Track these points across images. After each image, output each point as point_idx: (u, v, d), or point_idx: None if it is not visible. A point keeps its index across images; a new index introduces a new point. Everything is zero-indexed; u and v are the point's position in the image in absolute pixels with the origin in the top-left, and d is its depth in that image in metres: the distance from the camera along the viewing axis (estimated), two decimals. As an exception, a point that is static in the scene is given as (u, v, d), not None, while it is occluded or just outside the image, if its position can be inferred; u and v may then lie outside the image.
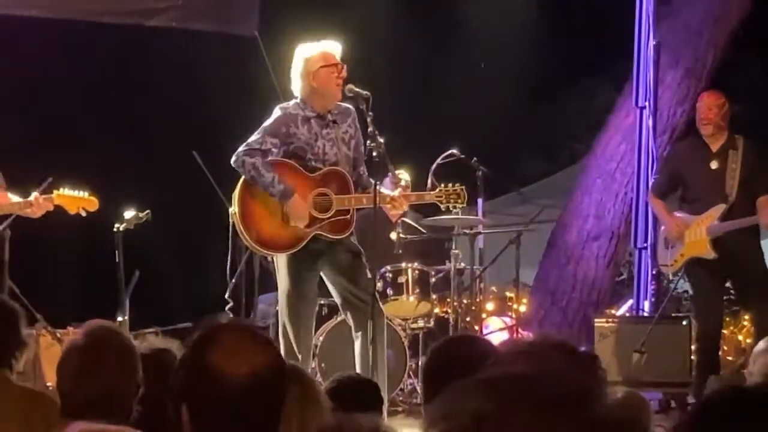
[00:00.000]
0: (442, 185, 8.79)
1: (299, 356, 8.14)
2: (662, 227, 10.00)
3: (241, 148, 8.19)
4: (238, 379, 3.28)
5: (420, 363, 9.80)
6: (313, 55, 8.32)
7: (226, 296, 9.81)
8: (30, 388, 5.46)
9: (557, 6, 13.35)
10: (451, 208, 8.96)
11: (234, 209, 8.41)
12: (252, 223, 8.32)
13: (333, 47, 8.37)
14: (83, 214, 8.69)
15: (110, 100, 11.93)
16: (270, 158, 8.17)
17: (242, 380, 3.27)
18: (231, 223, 8.61)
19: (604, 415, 1.66)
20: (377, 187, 8.13)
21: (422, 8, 13.39)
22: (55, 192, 8.58)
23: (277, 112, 8.33)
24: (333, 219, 8.29)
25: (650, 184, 10.07)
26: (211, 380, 3.32)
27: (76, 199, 8.66)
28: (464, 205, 8.97)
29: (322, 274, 8.42)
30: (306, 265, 8.30)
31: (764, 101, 14.49)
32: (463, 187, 8.80)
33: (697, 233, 9.52)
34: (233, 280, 9.90)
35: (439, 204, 8.85)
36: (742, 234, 9.50)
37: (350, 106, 8.46)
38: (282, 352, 8.09)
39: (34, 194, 8.53)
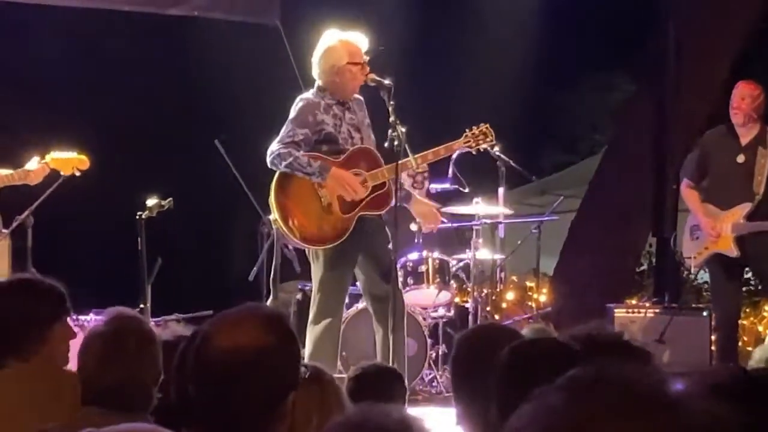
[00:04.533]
0: (467, 130, 8.76)
1: (330, 338, 8.23)
2: (689, 221, 9.94)
3: (273, 145, 8.19)
4: (220, 352, 3.28)
5: (439, 352, 9.81)
6: (341, 49, 8.30)
7: (250, 278, 9.86)
8: (66, 372, 5.45)
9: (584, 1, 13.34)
10: (482, 149, 8.91)
11: (274, 216, 8.44)
12: (295, 224, 8.34)
13: (360, 42, 8.33)
14: (77, 174, 8.67)
15: (133, 89, 11.94)
16: (301, 150, 8.17)
17: (228, 353, 3.27)
18: (266, 223, 8.71)
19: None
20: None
21: (444, 5, 13.39)
22: (48, 156, 8.57)
23: (299, 103, 8.31)
24: (372, 195, 8.32)
25: (681, 172, 9.96)
26: (204, 353, 3.32)
27: (68, 160, 8.65)
28: (493, 142, 8.92)
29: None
30: (344, 256, 8.33)
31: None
32: (488, 125, 8.80)
33: (721, 229, 9.47)
34: (255, 268, 9.93)
35: (470, 149, 8.82)
36: (764, 242, 9.44)
37: (361, 97, 8.46)
38: (309, 338, 8.18)
39: (35, 158, 8.54)
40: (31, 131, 8.96)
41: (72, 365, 4.82)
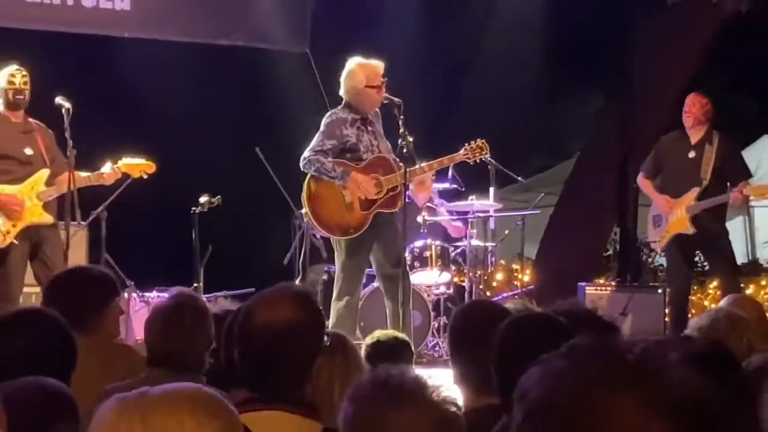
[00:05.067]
0: (466, 144, 8.77)
1: (350, 313, 8.25)
2: (651, 212, 9.95)
3: (306, 153, 8.20)
4: (266, 324, 3.30)
5: (441, 323, 9.81)
6: (361, 73, 8.29)
7: (284, 262, 9.86)
8: (117, 343, 5.48)
9: (560, 28, 13.27)
10: (478, 161, 8.94)
11: (305, 210, 8.48)
12: (322, 217, 8.35)
13: (379, 68, 8.32)
14: (144, 176, 8.68)
15: (189, 106, 11.94)
16: (329, 158, 8.17)
17: (269, 326, 3.30)
18: (298, 216, 8.71)
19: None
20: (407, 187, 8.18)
21: (445, 29, 13.34)
22: (120, 161, 8.57)
23: (328, 118, 8.30)
24: (387, 196, 8.30)
25: (642, 168, 10.00)
26: (248, 324, 3.35)
27: (137, 165, 8.65)
28: (488, 154, 8.94)
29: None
30: (362, 245, 8.33)
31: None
32: (483, 140, 8.80)
33: (677, 213, 9.48)
34: (289, 254, 9.94)
35: (468, 160, 8.86)
36: (713, 220, 9.48)
37: (378, 112, 8.44)
38: (333, 312, 8.18)
39: (108, 163, 8.53)
40: (106, 141, 8.97)
41: (139, 334, 4.90)
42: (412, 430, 2.49)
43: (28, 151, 8.40)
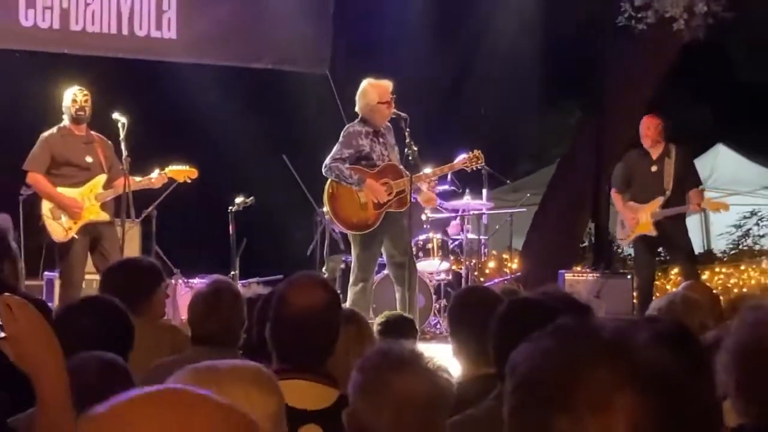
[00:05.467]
0: (464, 154, 8.78)
1: (364, 296, 8.23)
2: (619, 216, 9.99)
3: (327, 160, 8.21)
4: (298, 307, 3.31)
5: (441, 304, 9.81)
6: (374, 92, 8.27)
7: (308, 253, 9.87)
8: (163, 323, 5.49)
9: (544, 53, 13.29)
10: (475, 168, 8.93)
11: (326, 209, 8.53)
12: (340, 215, 8.35)
13: (388, 86, 8.30)
14: (188, 181, 8.69)
15: (227, 121, 11.97)
16: (346, 165, 8.17)
17: (302, 308, 3.31)
18: (320, 214, 8.70)
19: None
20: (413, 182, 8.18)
21: (446, 54, 13.33)
22: (167, 168, 8.59)
23: (346, 131, 8.30)
24: (396, 198, 8.29)
25: (612, 181, 10.06)
26: (282, 306, 3.35)
27: (182, 171, 8.65)
28: (483, 163, 8.90)
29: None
30: (374, 238, 8.32)
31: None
32: (479, 150, 8.79)
33: (643, 218, 9.53)
34: (311, 246, 9.95)
35: (467, 168, 8.84)
36: (673, 223, 9.54)
37: (390, 125, 8.42)
38: (350, 296, 8.19)
39: (157, 170, 8.57)
40: (155, 151, 8.99)
41: (184, 315, 4.91)
42: (410, 392, 2.52)
43: (89, 159, 8.43)
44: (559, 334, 1.55)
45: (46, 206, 8.35)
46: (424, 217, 10.11)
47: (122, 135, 8.31)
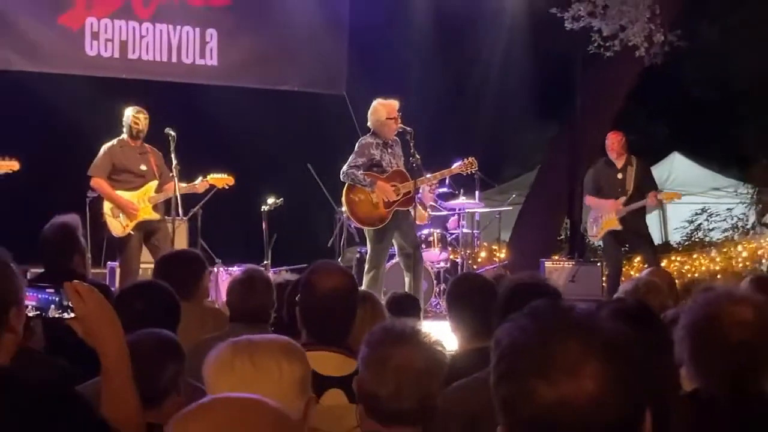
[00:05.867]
0: (461, 161, 8.81)
1: (376, 281, 8.22)
2: (590, 216, 9.98)
3: (344, 167, 8.21)
4: (322, 290, 3.30)
5: (441, 288, 9.81)
6: (383, 110, 8.25)
7: (328, 245, 9.86)
8: (207, 304, 5.49)
9: (527, 76, 13.25)
10: (470, 173, 9.00)
11: (343, 208, 8.48)
12: (356, 214, 8.33)
13: (395, 105, 8.29)
14: (226, 186, 8.70)
15: (260, 134, 11.97)
16: (360, 171, 8.16)
17: (327, 291, 3.30)
18: (339, 212, 8.68)
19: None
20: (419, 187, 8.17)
21: (446, 77, 13.32)
22: (209, 176, 8.61)
23: (359, 142, 8.29)
24: (403, 198, 8.27)
25: (584, 186, 10.09)
26: (310, 290, 3.34)
27: (221, 178, 8.66)
28: (476, 168, 8.92)
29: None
30: (385, 233, 8.30)
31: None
32: (473, 158, 8.82)
33: (610, 216, 9.53)
34: (332, 239, 9.94)
35: (462, 173, 8.89)
36: (635, 218, 9.52)
37: (398, 138, 8.42)
38: (365, 281, 8.18)
39: (200, 177, 8.59)
40: (199, 160, 8.98)
41: (224, 297, 4.90)
42: (409, 362, 2.51)
43: (143, 168, 8.45)
44: (535, 314, 1.55)
45: (107, 206, 8.39)
46: (426, 215, 10.11)
47: (172, 147, 8.31)
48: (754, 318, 2.57)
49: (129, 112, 8.48)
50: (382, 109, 8.26)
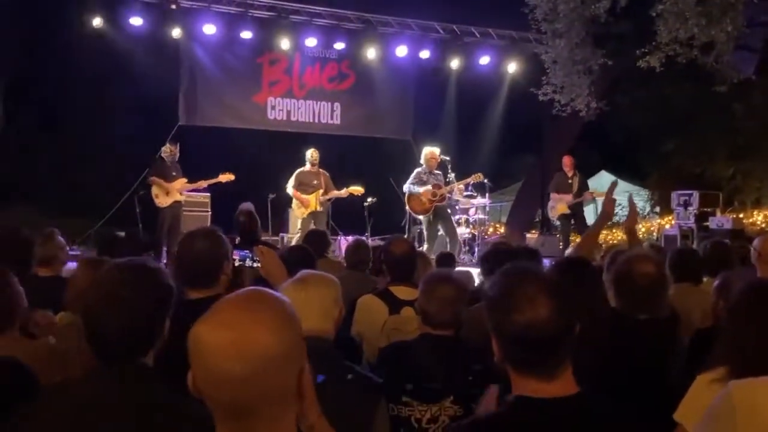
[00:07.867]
0: (475, 175, 8.71)
1: (431, 246, 8.17)
2: (549, 203, 9.72)
3: (406, 184, 8.30)
4: (398, 251, 3.24)
5: (464, 248, 9.58)
6: (429, 153, 8.28)
7: (401, 224, 9.76)
8: (333, 258, 5.25)
9: (513, 123, 12.93)
10: (480, 182, 8.94)
11: (407, 207, 8.47)
12: (414, 208, 8.34)
13: (435, 151, 8.31)
14: (355, 195, 8.62)
15: (363, 169, 11.59)
16: (415, 186, 8.12)
17: (399, 252, 3.24)
18: (406, 212, 8.69)
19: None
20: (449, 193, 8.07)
21: (465, 128, 12.96)
22: (349, 187, 8.59)
23: (416, 171, 8.34)
24: (439, 198, 8.22)
25: (549, 188, 9.86)
26: (390, 252, 3.29)
27: (354, 190, 8.62)
28: (485, 179, 8.97)
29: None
30: (432, 219, 8.25)
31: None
32: (482, 173, 8.79)
33: (563, 204, 9.31)
34: (403, 221, 9.83)
35: (476, 182, 8.81)
36: (577, 208, 9.32)
37: (439, 170, 8.33)
38: (425, 246, 8.10)
39: (344, 189, 8.54)
40: (338, 178, 8.92)
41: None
42: (445, 293, 2.45)
43: (315, 182, 8.55)
44: (508, 272, 1.52)
45: (295, 203, 8.49)
46: (458, 208, 9.97)
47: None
48: (654, 270, 2.51)
49: (308, 153, 8.61)
50: (428, 152, 8.32)
